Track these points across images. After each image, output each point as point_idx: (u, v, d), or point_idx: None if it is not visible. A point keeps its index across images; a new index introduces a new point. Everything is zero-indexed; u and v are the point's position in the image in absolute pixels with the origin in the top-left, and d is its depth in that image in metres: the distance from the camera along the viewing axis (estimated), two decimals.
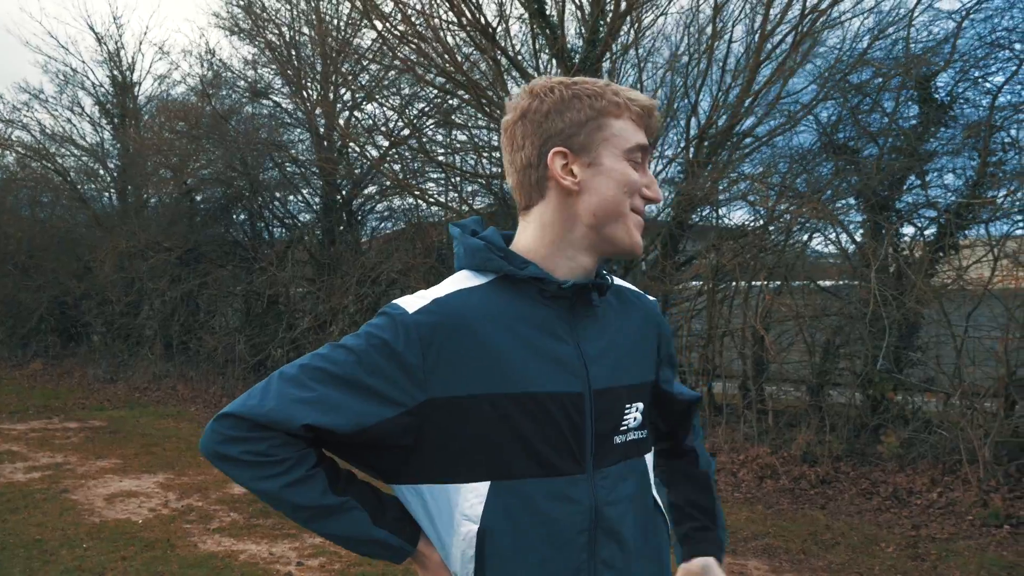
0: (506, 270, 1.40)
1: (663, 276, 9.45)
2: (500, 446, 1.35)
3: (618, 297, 1.55)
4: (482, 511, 1.35)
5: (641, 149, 1.43)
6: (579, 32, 10.24)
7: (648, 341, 1.57)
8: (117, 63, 18.39)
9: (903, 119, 8.76)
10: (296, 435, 1.34)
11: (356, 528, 1.40)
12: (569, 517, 1.37)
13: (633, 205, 1.43)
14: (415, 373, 1.33)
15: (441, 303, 1.37)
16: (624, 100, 1.43)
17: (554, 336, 1.40)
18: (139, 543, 5.89)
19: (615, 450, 1.45)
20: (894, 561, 5.51)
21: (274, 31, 13.66)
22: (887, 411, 7.80)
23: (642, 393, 1.53)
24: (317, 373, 1.35)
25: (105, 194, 19.03)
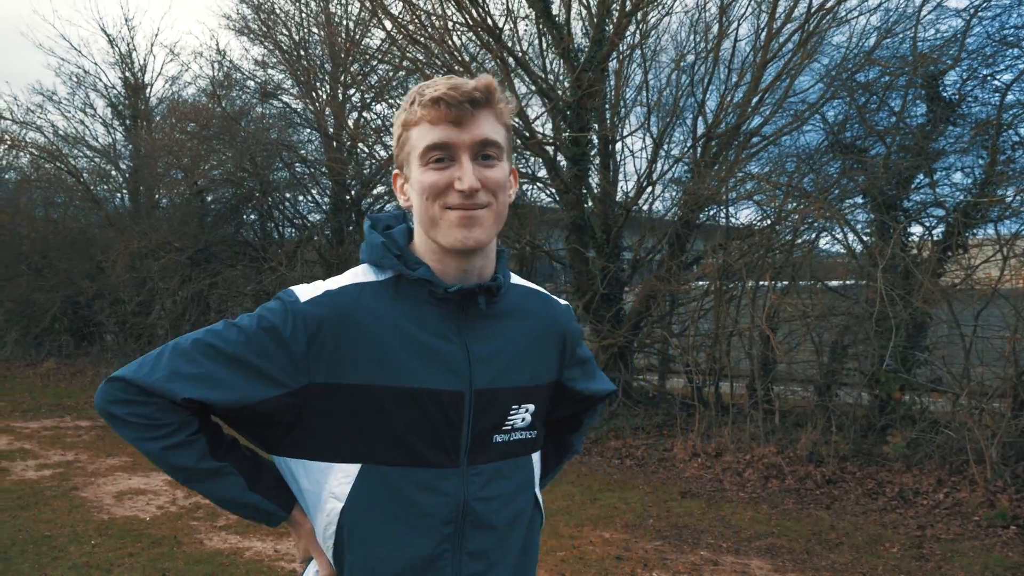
0: (399, 269, 1.46)
1: (669, 276, 9.45)
2: (374, 434, 1.42)
3: (520, 299, 1.59)
4: (349, 491, 1.43)
5: (434, 148, 1.41)
6: (585, 32, 10.24)
7: (549, 345, 1.61)
8: (129, 65, 18.53)
9: (911, 118, 8.73)
10: (179, 404, 1.42)
11: (231, 491, 1.49)
12: (435, 508, 1.44)
13: (446, 204, 1.42)
14: (299, 358, 1.40)
15: (332, 295, 1.44)
16: (419, 104, 1.41)
17: (441, 336, 1.46)
18: (146, 540, 5.93)
19: (495, 448, 1.50)
20: (898, 561, 5.49)
21: (284, 32, 13.73)
22: (894, 411, 7.77)
23: (535, 395, 1.57)
24: (208, 349, 1.42)
25: (117, 195, 19.18)
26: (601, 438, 9.00)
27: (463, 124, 1.40)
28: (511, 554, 1.53)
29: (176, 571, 5.32)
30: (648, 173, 10.32)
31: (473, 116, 1.41)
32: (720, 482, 7.53)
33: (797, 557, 5.60)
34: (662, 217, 10.77)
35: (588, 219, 10.27)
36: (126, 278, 15.38)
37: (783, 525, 6.30)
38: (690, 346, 9.63)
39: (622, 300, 10.51)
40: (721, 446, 8.14)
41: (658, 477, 7.84)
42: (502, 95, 1.46)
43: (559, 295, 10.04)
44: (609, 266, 9.95)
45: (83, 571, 5.32)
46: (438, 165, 1.41)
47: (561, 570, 5.31)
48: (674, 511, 6.72)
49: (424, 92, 1.41)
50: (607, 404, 9.43)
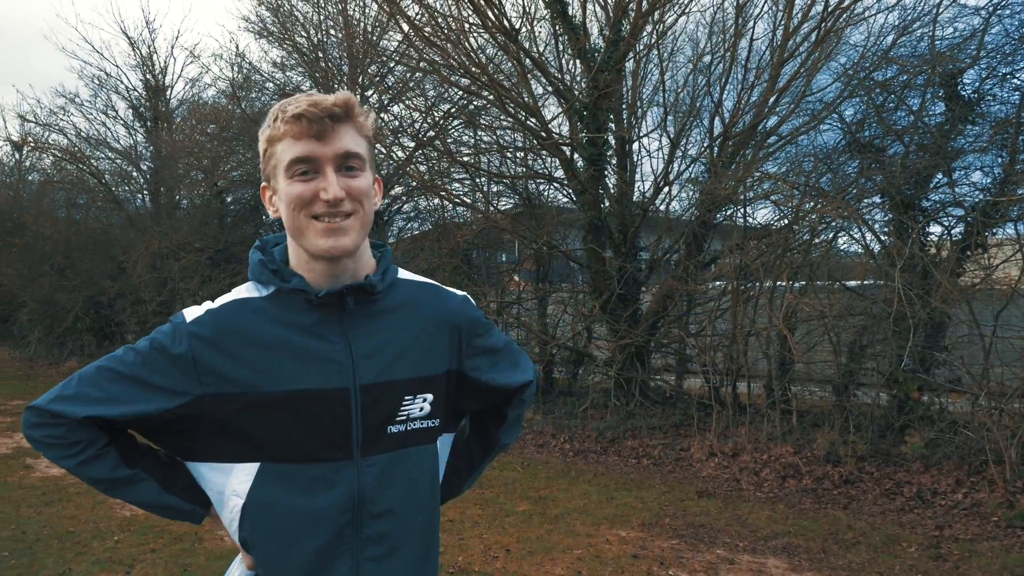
0: (276, 284, 1.57)
1: (687, 276, 9.45)
2: (265, 436, 1.53)
3: (410, 294, 1.67)
4: (248, 488, 1.55)
5: (299, 161, 1.49)
6: (602, 32, 10.26)
7: (440, 335, 1.68)
8: (150, 67, 18.73)
9: (929, 117, 8.68)
10: (83, 423, 1.54)
11: (149, 495, 1.62)
12: (330, 498, 1.54)
13: (313, 214, 1.50)
14: (188, 372, 1.52)
15: (214, 313, 1.56)
16: (281, 120, 1.49)
17: (323, 339, 1.55)
18: (168, 536, 6.01)
19: (390, 439, 1.59)
20: (915, 561, 5.48)
21: (302, 34, 13.82)
22: (912, 411, 7.74)
23: (432, 385, 1.65)
24: (108, 373, 1.54)
25: (138, 196, 19.38)
26: (618, 438, 9.02)
27: (325, 138, 1.49)
28: (414, 536, 1.63)
29: (198, 567, 5.39)
30: (665, 173, 10.32)
31: (334, 130, 1.49)
32: (737, 482, 7.54)
33: (814, 556, 5.60)
34: (679, 217, 10.76)
35: (605, 219, 10.28)
36: (147, 278, 15.54)
37: (800, 524, 6.30)
38: (707, 346, 9.62)
39: (639, 300, 10.52)
40: (738, 446, 8.14)
41: (675, 476, 7.85)
42: (360, 109, 1.54)
43: (576, 295, 10.07)
44: (626, 266, 9.96)
45: (106, 566, 5.40)
46: (303, 177, 1.50)
47: (578, 568, 5.34)
48: (691, 510, 6.73)
49: (286, 109, 1.49)
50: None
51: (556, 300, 11.82)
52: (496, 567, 5.36)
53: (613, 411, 9.55)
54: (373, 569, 1.57)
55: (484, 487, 7.47)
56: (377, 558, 1.57)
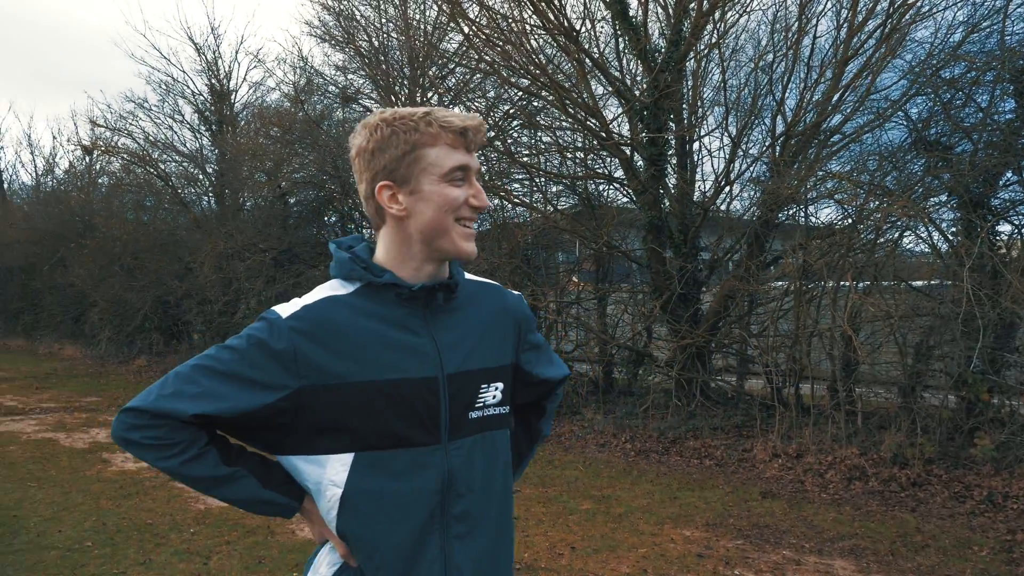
0: (367, 279, 1.67)
1: (748, 276, 9.40)
2: (362, 425, 1.61)
3: (477, 293, 1.81)
4: (346, 477, 1.62)
5: (460, 169, 1.64)
6: (662, 32, 10.25)
7: (505, 329, 1.82)
8: (215, 72, 19.18)
9: (998, 114, 8.52)
10: (188, 422, 1.60)
11: (248, 491, 1.68)
12: (424, 481, 1.64)
13: (458, 217, 1.65)
14: (288, 366, 1.59)
15: (309, 308, 1.64)
16: (437, 128, 1.62)
17: (411, 331, 1.66)
18: (241, 529, 6.20)
19: (471, 424, 1.71)
20: (987, 565, 5.41)
21: (364, 37, 14.03)
22: (982, 413, 7.61)
23: (501, 374, 1.79)
24: (206, 371, 1.61)
25: (204, 198, 19.83)
26: (679, 438, 9.02)
27: (472, 152, 1.66)
28: (491, 516, 1.73)
29: (271, 559, 5.56)
30: (726, 172, 10.27)
31: (478, 140, 1.67)
32: (801, 483, 7.50)
33: (882, 559, 5.56)
34: (740, 217, 10.70)
35: (665, 219, 10.28)
36: (213, 278, 15.91)
37: (867, 527, 6.25)
38: (769, 347, 9.56)
39: (699, 300, 10.49)
40: (802, 447, 8.09)
41: (738, 477, 7.83)
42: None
43: (636, 295, 10.07)
44: (687, 266, 9.94)
45: (185, 557, 5.60)
46: (459, 184, 1.64)
47: (643, 567, 5.38)
48: (755, 511, 6.72)
49: (448, 120, 1.62)
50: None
51: (616, 300, 11.84)
52: (562, 564, 5.43)
53: (674, 411, 9.55)
54: (458, 546, 1.67)
55: (547, 485, 7.55)
56: (461, 535, 1.68)
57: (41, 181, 29.44)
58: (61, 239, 21.00)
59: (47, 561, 5.49)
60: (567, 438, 9.59)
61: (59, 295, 22.49)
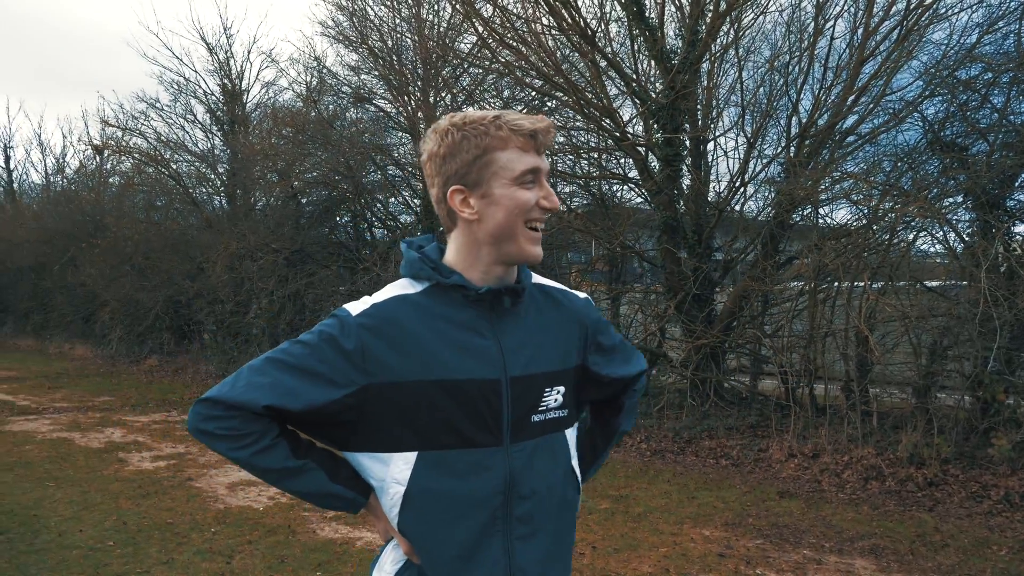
0: (435, 279, 1.68)
1: (763, 276, 9.42)
2: (426, 423, 1.62)
3: (543, 296, 1.83)
4: (409, 475, 1.64)
5: (531, 171, 1.64)
6: (678, 33, 10.27)
7: (570, 333, 1.83)
8: (227, 72, 19.24)
9: (1015, 115, 8.53)
10: (260, 413, 1.62)
11: (316, 485, 1.70)
12: (486, 482, 1.64)
13: (528, 220, 1.66)
14: (357, 363, 1.61)
15: (379, 307, 1.67)
16: (507, 132, 1.63)
17: (476, 333, 1.67)
18: (262, 529, 6.25)
19: (533, 427, 1.72)
20: (1007, 564, 5.43)
21: (377, 38, 14.07)
22: (998, 414, 7.62)
23: (564, 378, 1.79)
24: (278, 364, 1.63)
25: (216, 198, 19.89)
26: (695, 438, 9.05)
27: (541, 155, 1.67)
28: (552, 517, 1.74)
29: (293, 558, 5.60)
30: (741, 173, 10.30)
31: (548, 141, 1.68)
32: (818, 483, 7.52)
33: (902, 558, 5.59)
34: (755, 217, 10.72)
35: (680, 219, 10.30)
36: (225, 278, 15.97)
37: (885, 526, 6.28)
38: (783, 347, 9.59)
39: (713, 301, 10.51)
40: (818, 447, 8.11)
41: (754, 477, 7.86)
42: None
43: (649, 295, 10.08)
44: (701, 266, 9.97)
45: (207, 556, 5.64)
46: (530, 186, 1.65)
47: (665, 566, 5.41)
48: (773, 510, 6.74)
49: (518, 124, 1.63)
50: (647, 388, 9.49)
51: (629, 300, 11.87)
52: (583, 563, 5.46)
53: (689, 411, 9.58)
54: (520, 548, 1.69)
55: None
56: (523, 537, 1.69)
57: (51, 181, 29.58)
58: (72, 239, 21.08)
59: (70, 560, 5.53)
60: None
61: (69, 295, 22.57)
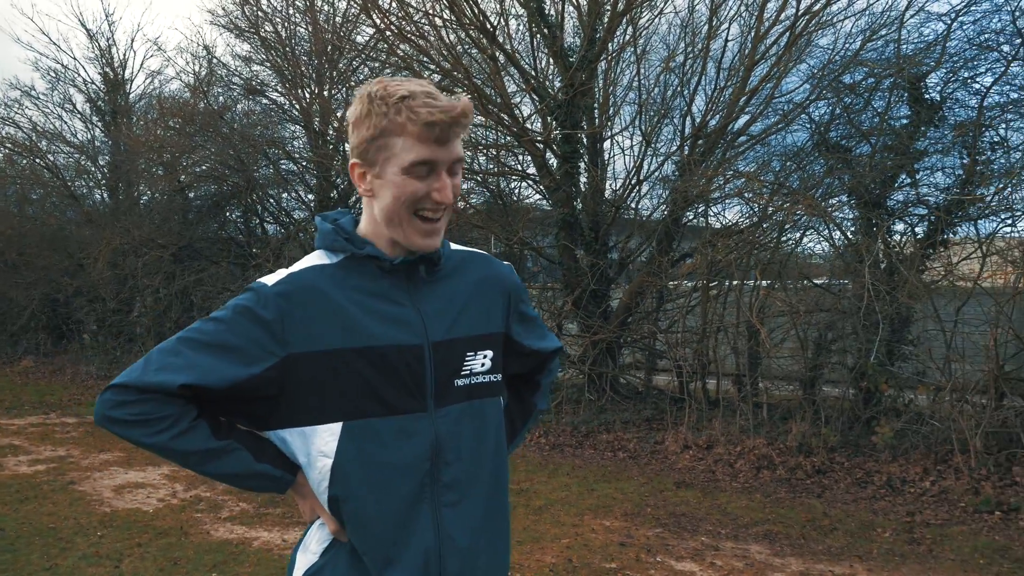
0: (349, 250, 1.66)
1: (658, 272, 9.60)
2: (350, 392, 1.59)
3: (464, 262, 1.79)
4: (336, 447, 1.60)
5: (422, 163, 1.57)
6: (577, 31, 10.37)
7: (494, 298, 1.80)
8: (109, 60, 18.40)
9: (894, 118, 8.95)
10: (175, 395, 1.56)
11: (242, 465, 1.64)
12: (413, 447, 1.62)
13: (417, 210, 1.61)
14: (276, 333, 1.57)
15: (295, 276, 1.63)
16: (405, 118, 1.54)
17: (394, 302, 1.65)
18: (153, 531, 5.98)
19: (458, 391, 1.70)
20: (891, 545, 5.67)
21: (270, 28, 13.71)
22: (880, 403, 7.98)
23: (489, 342, 1.77)
24: (192, 343, 1.58)
25: (97, 191, 19.01)
26: (592, 432, 9.14)
27: (445, 144, 1.57)
28: (483, 484, 1.71)
29: (187, 560, 5.38)
30: (637, 171, 10.47)
31: (454, 137, 1.58)
32: (713, 473, 7.70)
33: (794, 542, 5.77)
34: (650, 215, 10.92)
35: (577, 216, 10.40)
36: (107, 275, 15.30)
37: (777, 513, 6.47)
38: (678, 342, 9.79)
39: (610, 297, 10.66)
40: (712, 438, 8.31)
41: (651, 468, 7.99)
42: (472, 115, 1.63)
43: (546, 292, 10.12)
44: (598, 263, 10.09)
45: (93, 561, 5.36)
46: (420, 178, 1.58)
47: (567, 556, 5.43)
48: (670, 500, 6.87)
49: (416, 111, 1.53)
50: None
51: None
52: None
53: (586, 406, 9.68)
54: (448, 514, 1.65)
55: None
56: (452, 503, 1.66)
57: None
58: None
59: None
60: None
61: None
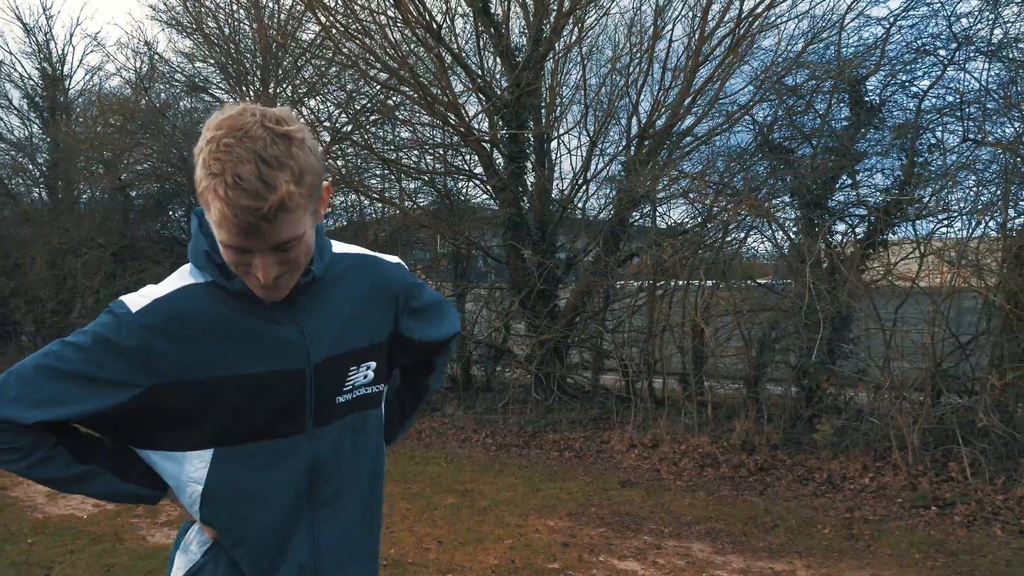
0: (218, 281, 1.52)
1: (605, 272, 9.62)
2: (222, 420, 1.53)
3: (350, 267, 1.69)
4: (206, 474, 1.55)
5: (230, 248, 1.41)
6: (523, 30, 10.36)
7: (382, 303, 1.74)
8: (47, 55, 17.93)
9: (835, 120, 9.08)
10: (30, 426, 1.48)
11: (106, 487, 1.59)
12: (290, 470, 1.58)
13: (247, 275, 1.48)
14: (140, 362, 1.47)
15: (160, 302, 1.50)
16: (207, 192, 1.36)
17: (273, 321, 1.55)
18: (86, 537, 5.82)
19: (339, 408, 1.65)
20: (831, 541, 5.74)
21: (213, 24, 13.46)
22: (821, 401, 8.09)
23: (375, 353, 1.71)
24: (49, 372, 1.48)
25: (34, 189, 18.52)
26: (539, 431, 9.13)
27: (257, 236, 1.38)
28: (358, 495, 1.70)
29: (121, 567, 5.24)
30: (584, 171, 10.49)
31: (269, 225, 1.37)
32: (658, 471, 7.73)
33: (736, 540, 5.81)
34: (597, 215, 10.95)
35: (524, 216, 10.38)
36: (46, 276, 14.92)
37: (720, 510, 6.51)
38: (624, 341, 9.83)
39: (557, 297, 10.65)
40: (657, 437, 8.35)
41: (597, 468, 7.99)
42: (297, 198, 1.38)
43: (494, 292, 10.09)
44: (545, 263, 10.08)
45: (23, 569, 5.20)
46: (237, 254, 1.43)
47: (510, 557, 5.40)
48: (615, 499, 6.87)
49: (212, 187, 1.34)
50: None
51: (474, 297, 11.85)
52: (430, 559, 5.38)
53: (533, 406, 9.66)
54: (324, 529, 1.64)
55: (410, 482, 7.47)
56: (328, 518, 1.64)
57: None
58: None
59: None
60: (428, 435, 9.52)
61: None
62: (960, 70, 8.29)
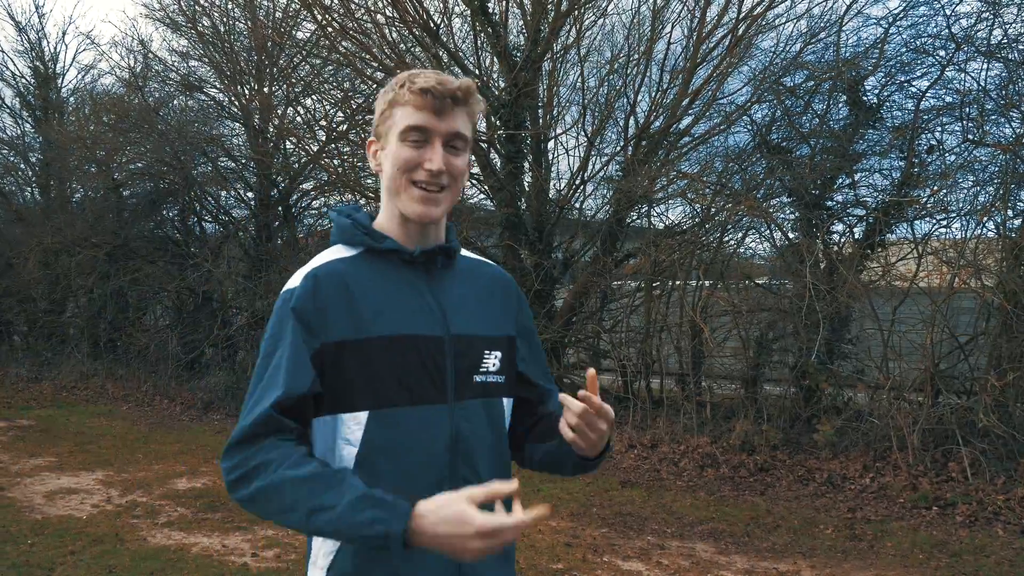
0: (368, 244, 1.69)
1: (602, 272, 9.61)
2: (377, 380, 1.60)
3: (473, 264, 1.82)
4: (361, 436, 1.60)
5: (413, 130, 1.61)
6: (521, 30, 10.33)
7: (503, 302, 1.81)
8: (39, 53, 17.81)
9: (834, 121, 9.09)
10: (282, 428, 1.53)
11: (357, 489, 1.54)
12: (433, 440, 1.62)
13: (412, 179, 1.63)
14: (310, 326, 1.59)
15: (317, 269, 1.65)
16: (406, 88, 1.61)
17: (416, 292, 1.67)
18: (87, 538, 5.77)
19: (476, 386, 1.70)
20: (833, 541, 5.74)
21: (208, 23, 13.39)
22: (820, 401, 8.10)
23: (500, 344, 1.76)
24: (263, 365, 1.60)
25: (27, 189, 18.40)
26: None
27: (442, 115, 1.61)
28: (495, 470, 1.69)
29: (123, 568, 5.20)
30: (581, 171, 10.47)
31: (451, 110, 1.62)
32: (657, 472, 7.73)
33: (739, 540, 5.81)
34: (594, 215, 10.93)
35: (521, 216, 10.36)
36: (39, 275, 14.84)
37: (722, 511, 6.51)
38: (622, 341, 9.82)
39: (554, 297, 10.64)
40: (656, 437, 8.34)
41: None
42: (477, 99, 1.67)
43: None
44: (542, 263, 10.06)
45: (24, 570, 5.16)
46: (414, 144, 1.62)
47: (515, 557, 5.37)
48: (616, 500, 6.87)
49: (415, 80, 1.60)
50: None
51: None
52: None
53: None
54: None
55: None
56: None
57: None
58: None
59: None
60: None
61: None
62: (959, 70, 8.33)
